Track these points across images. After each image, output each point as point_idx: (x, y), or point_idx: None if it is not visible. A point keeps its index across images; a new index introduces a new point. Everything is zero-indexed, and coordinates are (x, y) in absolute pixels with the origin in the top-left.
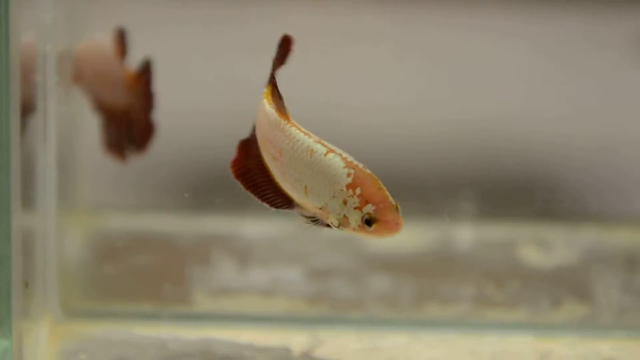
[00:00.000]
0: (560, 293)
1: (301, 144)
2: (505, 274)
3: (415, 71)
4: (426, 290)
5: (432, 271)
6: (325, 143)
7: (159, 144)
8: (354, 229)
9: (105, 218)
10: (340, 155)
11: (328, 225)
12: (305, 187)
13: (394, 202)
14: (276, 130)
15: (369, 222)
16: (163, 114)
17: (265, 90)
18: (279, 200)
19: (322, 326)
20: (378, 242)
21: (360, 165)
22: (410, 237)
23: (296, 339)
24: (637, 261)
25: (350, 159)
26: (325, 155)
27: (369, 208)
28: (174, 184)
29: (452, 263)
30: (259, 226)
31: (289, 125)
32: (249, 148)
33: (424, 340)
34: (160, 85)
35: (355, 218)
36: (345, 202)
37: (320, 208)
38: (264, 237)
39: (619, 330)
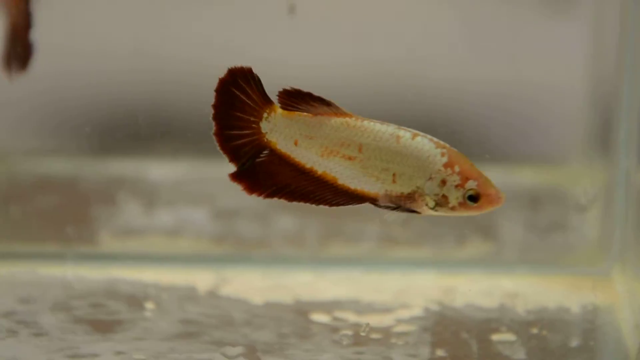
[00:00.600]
0: (464, 231)
1: (384, 133)
2: (410, 214)
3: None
4: (331, 229)
5: (338, 210)
6: (407, 128)
7: (63, 87)
8: (452, 208)
9: (10, 162)
10: (426, 136)
11: (413, 211)
12: (394, 174)
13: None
14: (347, 130)
15: (473, 197)
16: (70, 57)
17: (279, 111)
18: (341, 199)
19: (227, 265)
20: None
21: (448, 145)
22: None
23: (201, 278)
24: (539, 200)
25: (436, 140)
26: (413, 139)
27: (472, 184)
28: (78, 127)
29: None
30: (165, 168)
31: (360, 119)
32: (270, 170)
33: (328, 278)
34: (64, 29)
35: (456, 196)
36: (444, 182)
37: (409, 193)
38: (169, 179)
39: (522, 267)
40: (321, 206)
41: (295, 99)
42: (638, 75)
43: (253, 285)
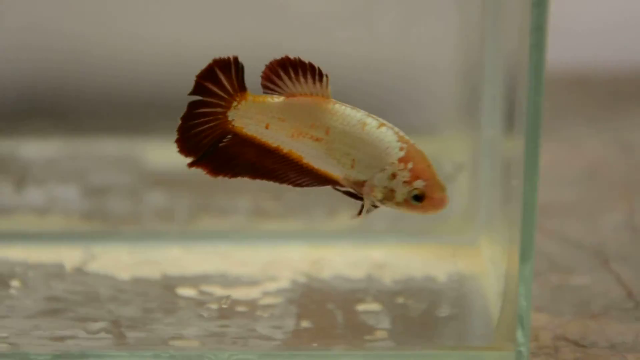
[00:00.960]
0: (335, 203)
1: (352, 118)
2: (281, 187)
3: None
4: (201, 204)
5: (208, 185)
6: (376, 117)
7: None
8: (397, 204)
9: None
10: (392, 129)
11: (359, 198)
12: (353, 160)
13: (442, 181)
14: (317, 112)
15: (417, 197)
16: None
17: (250, 97)
18: (305, 179)
19: (96, 242)
20: (154, 158)
21: (412, 141)
22: None
23: (69, 255)
24: None
25: (401, 133)
26: (377, 128)
27: (419, 184)
28: None
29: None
30: (36, 146)
31: (333, 102)
32: (234, 152)
33: (197, 252)
34: None
35: (402, 192)
36: (394, 176)
37: (362, 182)
38: (40, 157)
39: (390, 237)
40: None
41: (286, 70)
42: (500, 48)
43: (121, 261)
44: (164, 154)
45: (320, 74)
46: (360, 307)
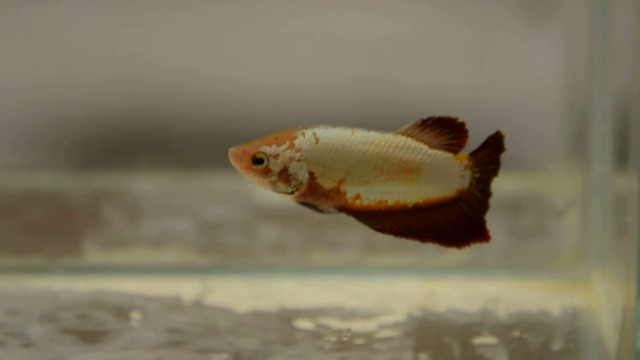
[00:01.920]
0: None
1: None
2: None
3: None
4: (314, 238)
5: (320, 219)
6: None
7: (50, 104)
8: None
9: None
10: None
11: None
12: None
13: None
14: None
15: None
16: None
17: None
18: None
19: (212, 275)
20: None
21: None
22: None
23: (187, 288)
24: (519, 205)
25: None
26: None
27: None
28: (60, 142)
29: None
30: (149, 181)
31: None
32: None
33: (312, 286)
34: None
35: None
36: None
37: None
38: (153, 191)
39: (503, 271)
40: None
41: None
42: (609, 82)
43: (238, 294)
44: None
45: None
46: (477, 341)
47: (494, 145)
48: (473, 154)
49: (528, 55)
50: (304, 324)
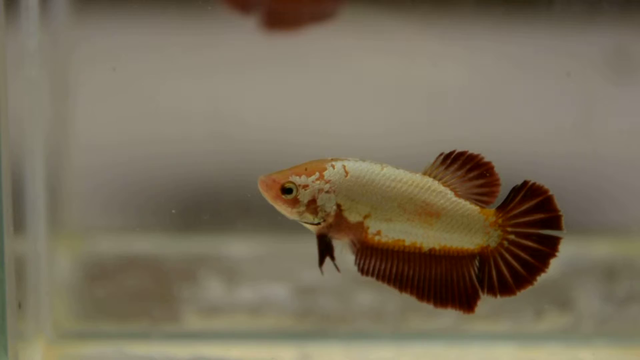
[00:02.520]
0: (542, 304)
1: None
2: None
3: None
4: (410, 303)
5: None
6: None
7: (147, 166)
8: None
9: (95, 240)
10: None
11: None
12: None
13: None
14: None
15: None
16: (151, 139)
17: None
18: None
19: (309, 341)
20: None
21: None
22: None
23: (285, 355)
24: (615, 271)
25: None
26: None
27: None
28: (160, 206)
29: None
30: (245, 245)
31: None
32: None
33: (410, 353)
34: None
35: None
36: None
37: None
38: (250, 255)
39: (600, 339)
40: None
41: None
42: None
43: None
44: None
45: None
46: None
47: (527, 195)
48: (501, 208)
49: (625, 115)
50: None
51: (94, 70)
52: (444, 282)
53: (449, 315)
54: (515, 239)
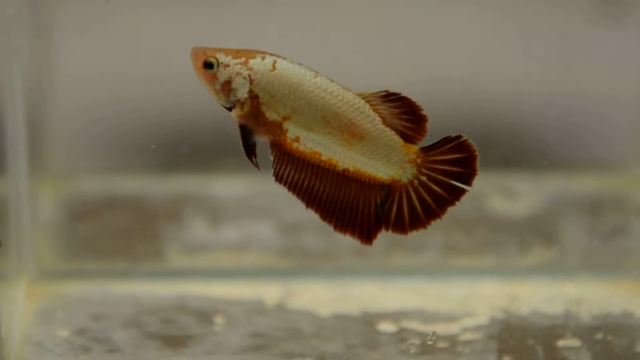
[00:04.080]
0: (526, 239)
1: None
2: (472, 223)
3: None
4: (394, 240)
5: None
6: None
7: (128, 106)
8: None
9: (77, 180)
10: None
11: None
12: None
13: None
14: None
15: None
16: (134, 76)
17: None
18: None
19: (293, 278)
20: None
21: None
22: None
23: (268, 292)
24: (600, 206)
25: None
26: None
27: None
28: (143, 145)
29: None
30: (229, 184)
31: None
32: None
33: (394, 288)
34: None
35: None
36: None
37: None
38: (234, 194)
39: (585, 273)
40: None
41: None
42: None
43: (320, 297)
44: None
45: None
46: (561, 343)
47: (455, 148)
48: (425, 150)
49: (609, 54)
50: (387, 327)
51: (74, 3)
52: (349, 206)
53: (433, 251)
54: (425, 181)
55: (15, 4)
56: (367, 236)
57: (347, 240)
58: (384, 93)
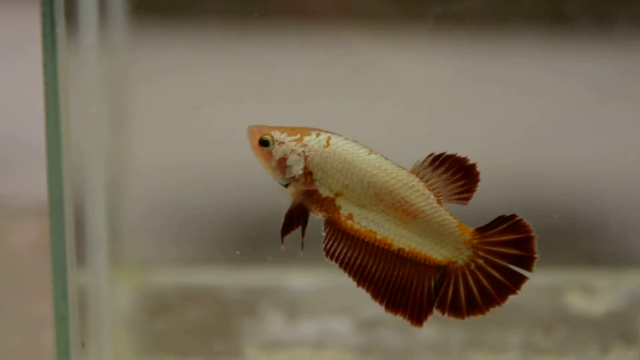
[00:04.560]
0: (608, 338)
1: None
2: (552, 321)
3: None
4: (474, 338)
5: (479, 319)
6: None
7: (206, 197)
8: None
9: (154, 272)
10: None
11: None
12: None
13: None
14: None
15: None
16: (210, 167)
17: None
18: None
19: None
20: None
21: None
22: None
23: None
24: None
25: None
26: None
27: None
28: (219, 238)
29: (499, 311)
30: (306, 278)
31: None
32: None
33: None
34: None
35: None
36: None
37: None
38: (310, 287)
39: None
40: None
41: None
42: None
43: None
44: None
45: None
46: None
47: (511, 228)
48: (480, 230)
49: None
50: None
51: (151, 98)
52: (403, 286)
53: (513, 351)
54: (483, 264)
55: (97, 104)
56: (417, 318)
57: (426, 338)
58: (430, 158)
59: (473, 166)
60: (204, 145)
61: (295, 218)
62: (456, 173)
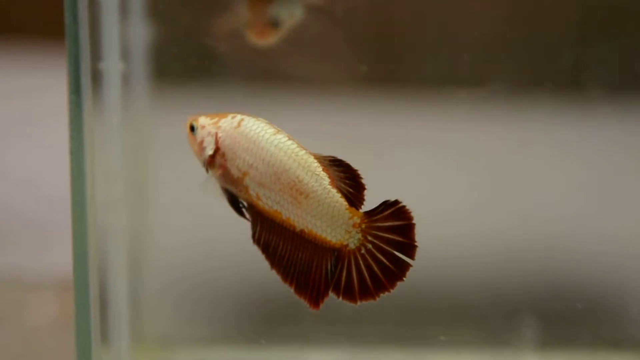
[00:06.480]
0: None
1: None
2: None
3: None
4: None
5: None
6: None
7: (226, 275)
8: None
9: (173, 351)
10: None
11: None
12: None
13: None
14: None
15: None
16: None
17: None
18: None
19: None
20: None
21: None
22: None
23: None
24: None
25: None
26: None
27: None
28: (238, 315)
29: None
30: (327, 357)
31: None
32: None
33: None
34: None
35: None
36: None
37: None
38: None
39: None
40: None
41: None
42: None
43: None
44: None
45: None
46: None
47: (394, 214)
48: (368, 214)
49: None
50: None
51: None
52: (306, 269)
53: None
54: (372, 249)
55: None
56: (315, 300)
57: None
58: (331, 158)
59: (362, 185)
60: (228, 222)
61: (234, 203)
62: (348, 179)
